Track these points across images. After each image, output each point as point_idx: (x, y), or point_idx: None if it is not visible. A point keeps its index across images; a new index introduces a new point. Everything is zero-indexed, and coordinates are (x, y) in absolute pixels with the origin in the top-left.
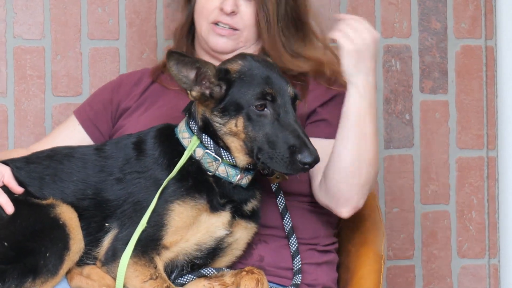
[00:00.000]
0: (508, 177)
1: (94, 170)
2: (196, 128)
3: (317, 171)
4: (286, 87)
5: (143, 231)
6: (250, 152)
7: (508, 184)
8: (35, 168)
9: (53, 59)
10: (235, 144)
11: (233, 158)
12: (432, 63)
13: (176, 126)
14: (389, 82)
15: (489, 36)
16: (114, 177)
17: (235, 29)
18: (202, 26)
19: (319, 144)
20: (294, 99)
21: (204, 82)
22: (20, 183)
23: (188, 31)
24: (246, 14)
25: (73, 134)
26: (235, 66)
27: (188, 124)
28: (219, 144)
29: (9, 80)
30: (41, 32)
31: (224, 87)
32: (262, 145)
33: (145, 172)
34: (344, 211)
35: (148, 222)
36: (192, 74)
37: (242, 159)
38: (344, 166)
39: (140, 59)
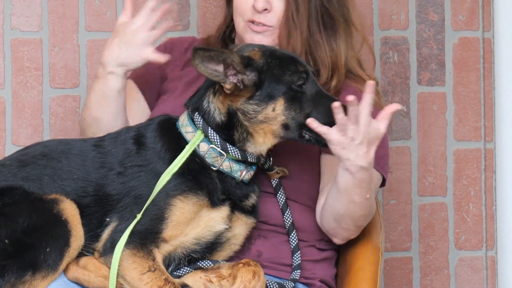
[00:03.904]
0: (506, 169)
1: (94, 167)
2: (201, 122)
3: (322, 191)
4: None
5: (143, 224)
6: (284, 134)
7: (506, 176)
8: (32, 170)
9: (51, 51)
10: (265, 130)
11: (254, 143)
12: (429, 55)
13: (176, 118)
14: (386, 74)
15: (486, 28)
16: (115, 172)
17: (269, 26)
18: (239, 24)
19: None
20: (313, 73)
21: (230, 72)
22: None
23: (224, 33)
24: (279, 10)
25: (138, 107)
26: (256, 52)
27: (191, 118)
28: (238, 131)
29: (7, 72)
30: (39, 24)
31: (254, 74)
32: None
33: (146, 166)
34: (336, 240)
35: (148, 215)
36: (220, 67)
37: (266, 143)
38: (335, 214)
39: None
